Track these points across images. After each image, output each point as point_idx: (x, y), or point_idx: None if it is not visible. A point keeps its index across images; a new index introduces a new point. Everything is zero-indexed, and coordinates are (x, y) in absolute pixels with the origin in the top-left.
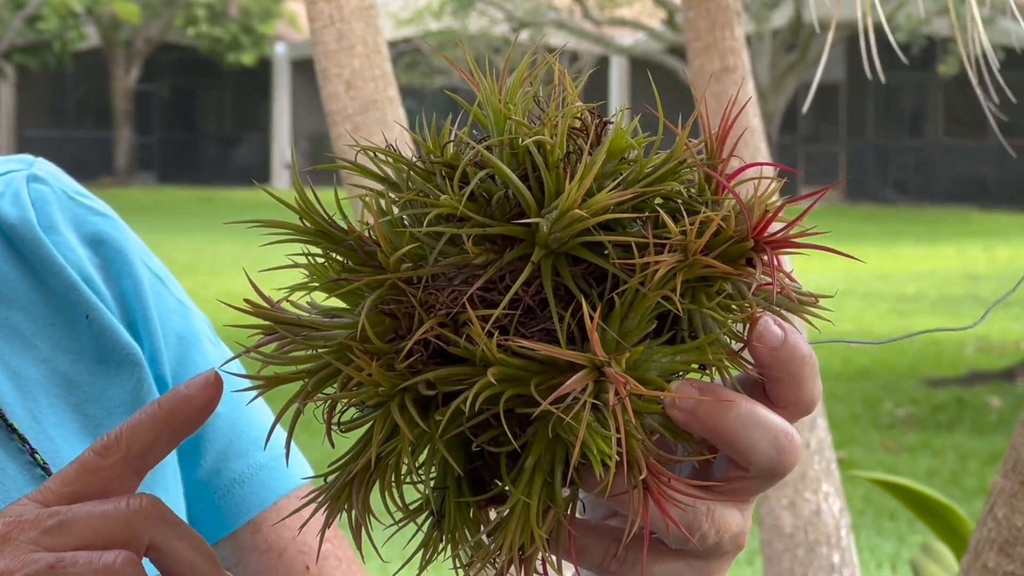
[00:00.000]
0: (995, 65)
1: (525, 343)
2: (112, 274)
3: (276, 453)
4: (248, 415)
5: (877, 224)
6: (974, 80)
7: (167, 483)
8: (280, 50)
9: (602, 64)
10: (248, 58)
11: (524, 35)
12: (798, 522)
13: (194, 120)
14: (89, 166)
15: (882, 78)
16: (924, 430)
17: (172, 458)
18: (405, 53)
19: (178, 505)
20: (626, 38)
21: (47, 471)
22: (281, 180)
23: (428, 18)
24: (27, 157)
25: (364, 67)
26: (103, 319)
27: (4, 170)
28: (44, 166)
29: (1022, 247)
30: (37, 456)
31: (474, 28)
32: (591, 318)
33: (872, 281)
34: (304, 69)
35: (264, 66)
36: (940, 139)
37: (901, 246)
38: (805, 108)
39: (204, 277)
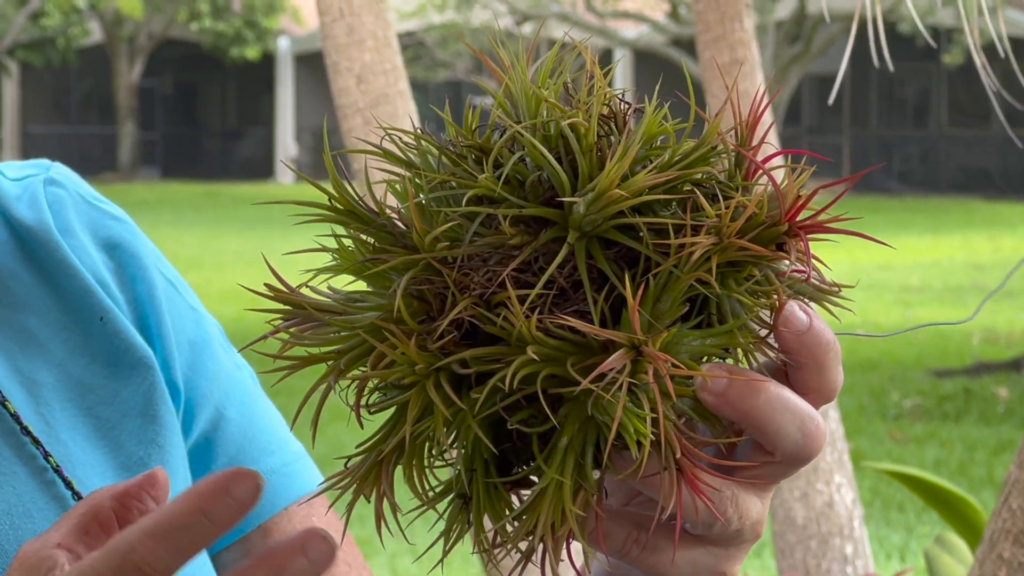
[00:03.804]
0: (1010, 54)
1: (566, 319)
2: (126, 278)
3: (287, 459)
4: (259, 421)
5: (881, 215)
6: (981, 71)
7: (176, 489)
8: (283, 45)
9: (606, 57)
10: (252, 53)
11: (527, 28)
12: (811, 513)
13: (197, 115)
14: (93, 162)
15: (890, 66)
16: (931, 421)
17: (183, 462)
18: (408, 47)
19: None
20: (629, 31)
21: (60, 474)
22: (285, 175)
23: (431, 11)
24: (44, 161)
25: (375, 61)
26: (117, 322)
27: (22, 175)
28: (61, 170)
29: None
30: (51, 460)
31: (477, 22)
32: (635, 292)
33: (877, 272)
34: (307, 63)
35: (267, 61)
36: (944, 129)
37: (906, 237)
38: (831, 100)
39: (208, 272)
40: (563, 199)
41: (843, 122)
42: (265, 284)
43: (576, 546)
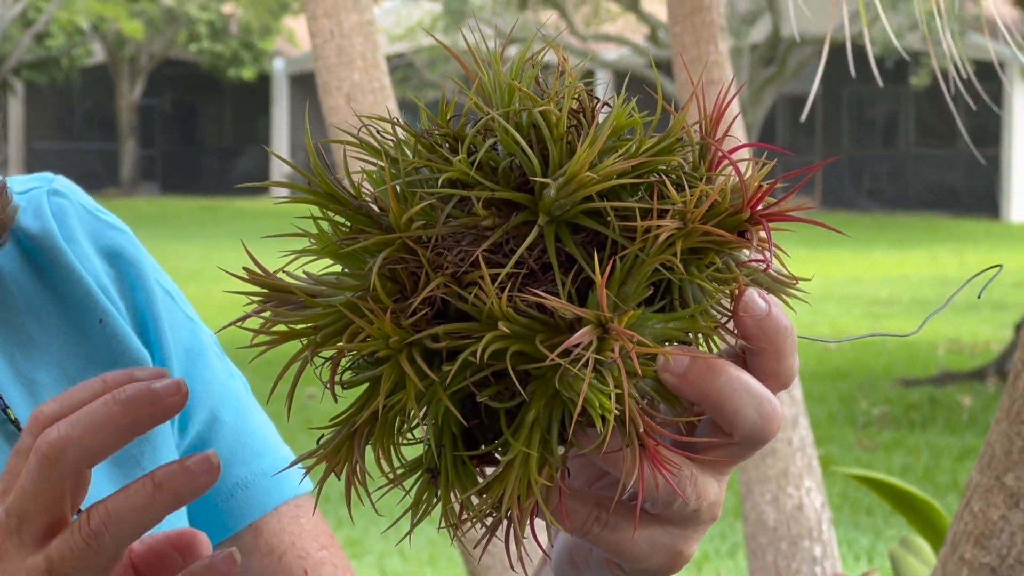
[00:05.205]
0: (995, 76)
1: (536, 292)
2: (126, 286)
3: (277, 463)
4: (250, 426)
5: (851, 231)
6: (947, 94)
7: None
8: (279, 65)
9: (588, 78)
10: (248, 73)
11: (512, 51)
12: (781, 516)
13: (196, 133)
14: (95, 178)
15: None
16: (899, 428)
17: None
18: (398, 68)
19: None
20: (611, 53)
21: None
22: (280, 191)
23: (420, 34)
24: (47, 175)
25: (364, 80)
26: (115, 325)
27: (26, 187)
28: (64, 182)
29: (992, 252)
30: None
31: (464, 44)
32: (601, 274)
33: (847, 285)
34: (302, 84)
35: (263, 81)
36: (912, 149)
37: (875, 252)
38: (803, 117)
39: (208, 284)
40: (535, 179)
41: (815, 142)
42: (243, 268)
43: (539, 524)
